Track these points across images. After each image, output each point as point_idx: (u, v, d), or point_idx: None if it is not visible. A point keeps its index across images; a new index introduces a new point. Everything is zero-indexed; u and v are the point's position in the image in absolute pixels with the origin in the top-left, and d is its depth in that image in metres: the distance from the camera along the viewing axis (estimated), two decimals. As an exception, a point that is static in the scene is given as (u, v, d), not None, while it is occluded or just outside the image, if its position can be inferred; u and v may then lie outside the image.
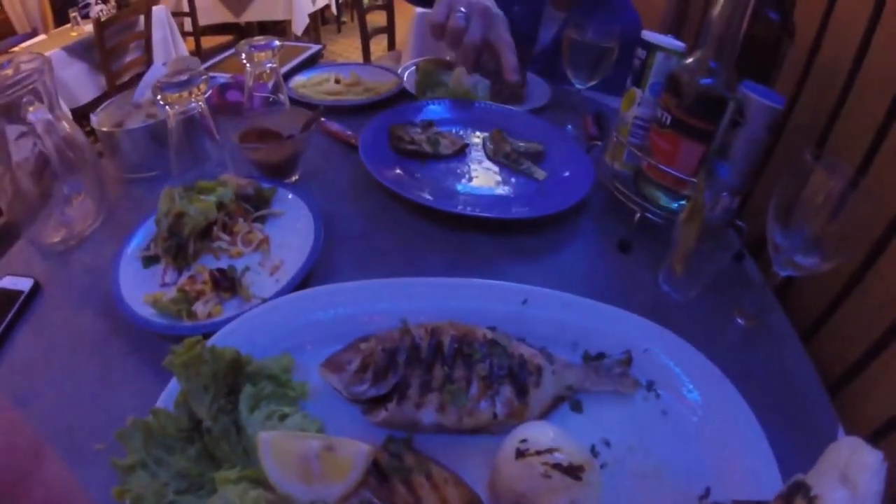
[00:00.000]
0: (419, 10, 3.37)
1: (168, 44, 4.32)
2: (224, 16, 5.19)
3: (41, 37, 4.22)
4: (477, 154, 1.22)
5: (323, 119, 1.31)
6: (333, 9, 6.43)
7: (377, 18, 4.16)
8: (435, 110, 1.32)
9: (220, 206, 0.94)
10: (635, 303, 0.81)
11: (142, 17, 3.87)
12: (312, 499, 0.56)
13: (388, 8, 4.01)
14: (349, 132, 1.27)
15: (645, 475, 0.64)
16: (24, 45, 4.01)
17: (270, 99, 1.25)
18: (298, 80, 1.51)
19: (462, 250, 0.99)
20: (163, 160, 1.11)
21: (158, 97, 0.97)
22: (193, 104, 1.01)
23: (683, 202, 0.99)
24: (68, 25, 4.06)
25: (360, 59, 3.90)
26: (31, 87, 0.91)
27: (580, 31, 1.29)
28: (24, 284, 0.90)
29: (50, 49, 3.55)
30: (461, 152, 1.20)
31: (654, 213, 1.01)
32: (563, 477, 0.55)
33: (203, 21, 4.99)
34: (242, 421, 0.62)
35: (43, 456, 0.41)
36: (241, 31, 5.65)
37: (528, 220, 1.02)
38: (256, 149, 1.06)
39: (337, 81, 1.53)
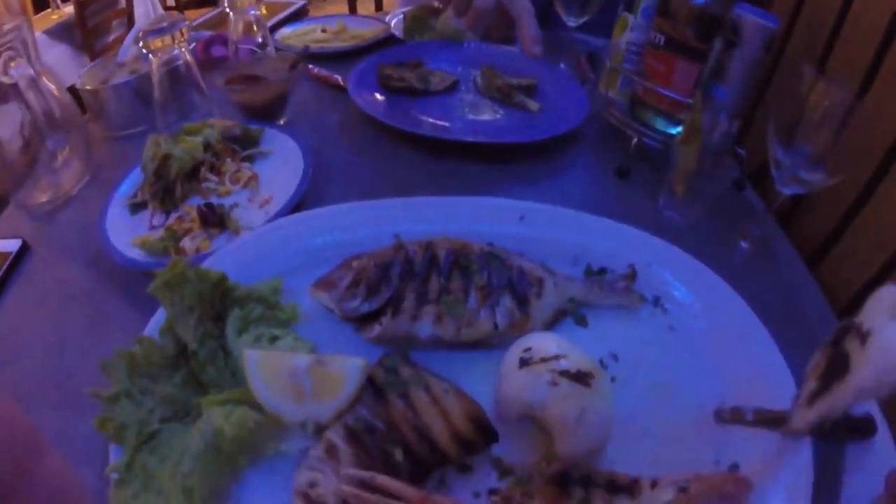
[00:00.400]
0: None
1: (150, 19, 4.25)
2: (208, -12, 5.10)
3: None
4: (469, 90, 1.18)
5: (309, 65, 1.27)
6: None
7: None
8: (424, 50, 1.28)
9: (207, 146, 0.91)
10: (632, 217, 0.79)
11: (123, -6, 3.80)
12: (303, 418, 0.54)
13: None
14: (336, 76, 1.23)
15: (656, 389, 0.61)
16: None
17: (256, 53, 1.22)
18: (284, 32, 1.47)
19: (455, 177, 0.96)
20: (149, 116, 1.08)
21: (141, 44, 0.94)
22: (177, 51, 0.98)
23: (680, 127, 0.95)
24: (49, 10, 3.99)
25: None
26: (9, 44, 0.88)
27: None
28: (12, 246, 0.88)
29: (36, 32, 3.49)
30: (452, 88, 1.17)
31: (651, 137, 0.99)
32: (571, 384, 0.52)
33: (186, -4, 4.91)
34: (230, 344, 0.59)
35: (43, 451, 0.40)
36: (218, 2, 5.57)
37: (524, 144, 0.99)
38: (242, 90, 1.03)
39: (323, 31, 1.49)
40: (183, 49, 0.99)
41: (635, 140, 0.99)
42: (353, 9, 3.63)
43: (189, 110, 1.06)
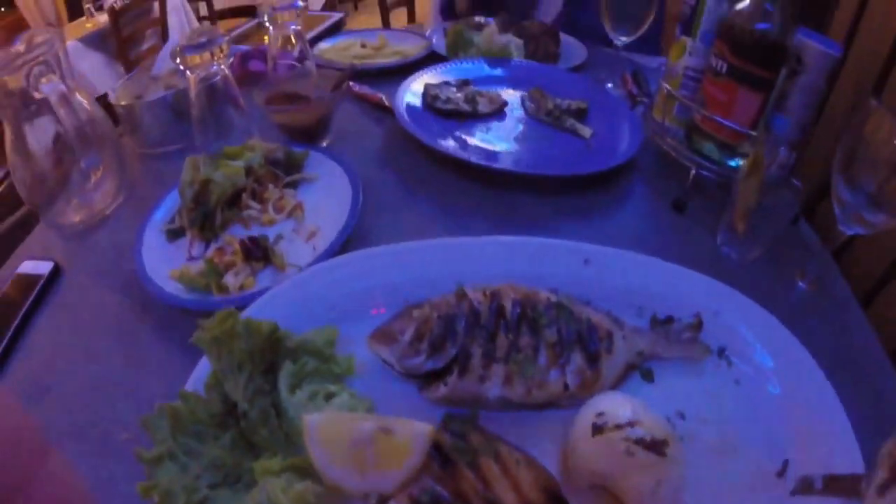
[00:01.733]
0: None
1: (184, 29, 4.24)
2: None
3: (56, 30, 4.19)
4: (517, 112, 1.13)
5: (351, 83, 1.23)
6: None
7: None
8: (469, 69, 1.23)
9: (249, 171, 0.86)
10: (693, 265, 0.74)
11: (156, 4, 3.81)
12: (367, 489, 0.49)
13: (406, -18, 3.90)
14: (380, 94, 1.19)
15: (720, 450, 0.57)
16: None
17: (295, 66, 1.17)
18: (323, 46, 1.43)
19: (508, 212, 0.91)
20: (185, 133, 1.04)
21: (178, 61, 0.90)
22: (215, 67, 0.94)
23: (740, 158, 0.92)
24: (83, 18, 4.02)
25: (379, 38, 3.80)
26: (42, 59, 0.84)
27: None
28: (44, 268, 0.85)
29: (67, 41, 3.50)
30: (500, 111, 1.11)
31: (709, 169, 0.93)
32: (647, 454, 0.49)
33: (218, 5, 4.91)
34: (283, 402, 0.54)
35: (48, 454, 0.40)
36: (257, 14, 5.59)
37: (579, 177, 0.93)
38: (284, 111, 0.98)
39: (363, 46, 1.45)
40: (222, 65, 0.95)
41: (693, 173, 0.94)
42: (385, 19, 3.58)
43: (227, 128, 1.02)
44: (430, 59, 1.38)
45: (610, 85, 1.32)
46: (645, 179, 1.00)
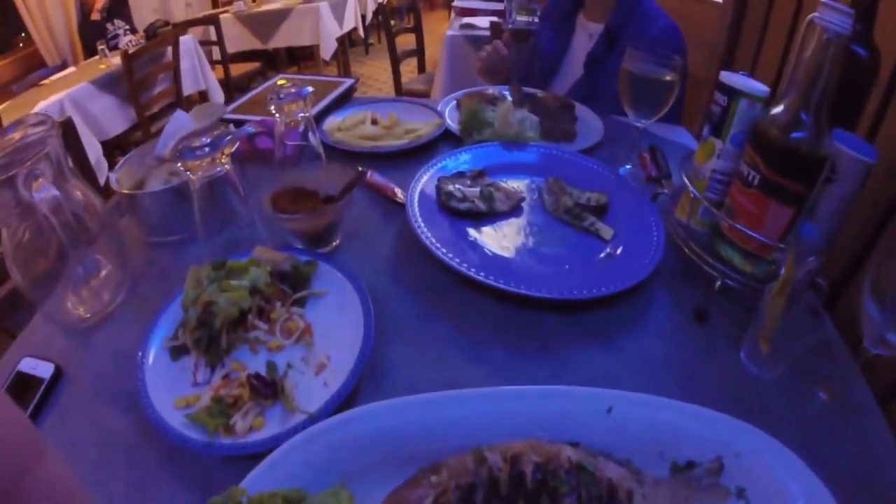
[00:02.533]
0: (449, 32, 3.29)
1: (196, 73, 4.27)
2: (252, 43, 5.14)
3: (70, 69, 4.20)
4: (535, 209, 1.08)
5: (362, 169, 1.18)
6: (361, 31, 6.33)
7: (406, 41, 4.06)
8: (484, 155, 1.18)
9: (254, 290, 0.81)
10: (713, 380, 0.76)
11: (169, 48, 3.81)
12: None
13: (417, 30, 3.91)
14: (392, 185, 1.14)
15: None
16: (53, 77, 3.99)
17: (304, 148, 1.13)
18: (333, 121, 1.39)
19: (526, 330, 0.86)
20: (189, 221, 0.99)
21: (179, 165, 0.86)
22: (219, 169, 0.90)
23: (764, 266, 0.88)
24: (97, 57, 4.03)
25: (391, 81, 3.79)
26: (34, 156, 0.79)
27: (638, 63, 1.15)
28: (45, 370, 0.80)
29: (79, 82, 3.50)
30: (517, 207, 1.06)
31: (733, 279, 0.88)
32: None
33: (231, 49, 4.94)
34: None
35: (42, 452, 0.40)
36: (269, 57, 5.61)
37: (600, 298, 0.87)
38: (293, 219, 0.93)
39: (374, 122, 1.41)
40: (226, 165, 0.90)
41: (718, 283, 0.89)
42: (397, 80, 3.57)
43: (232, 219, 0.97)
44: (444, 136, 1.34)
45: (629, 166, 1.27)
46: (665, 283, 0.94)
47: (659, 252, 0.94)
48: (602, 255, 0.97)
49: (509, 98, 1.47)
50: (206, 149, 0.87)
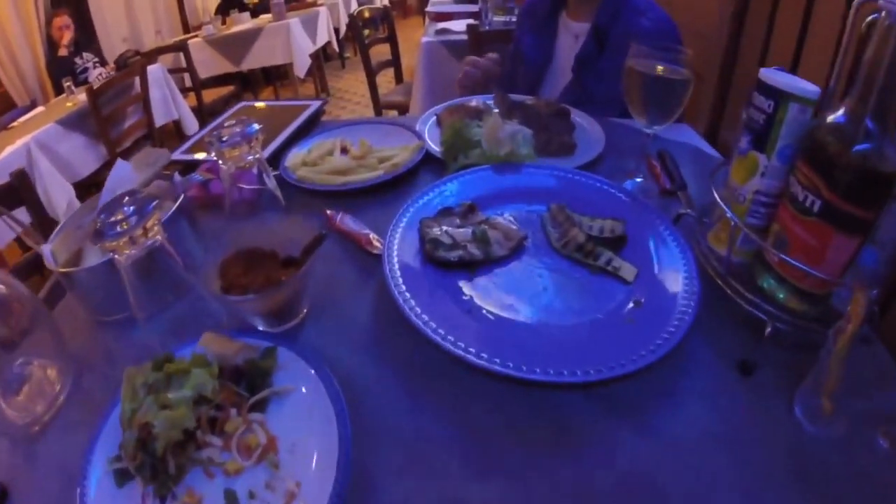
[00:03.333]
0: (424, 39, 3.10)
1: (168, 102, 4.06)
2: (224, 66, 4.92)
3: (39, 109, 3.98)
4: (539, 247, 0.87)
5: (329, 211, 0.98)
6: (335, 45, 6.12)
7: (381, 51, 3.85)
8: (473, 185, 0.98)
9: (201, 399, 0.62)
10: (765, 443, 0.63)
11: (137, 79, 3.60)
12: None
13: (391, 39, 3.71)
14: (367, 231, 0.93)
15: None
16: (22, 119, 3.77)
17: (260, 192, 0.94)
18: (297, 154, 1.19)
19: (540, 414, 0.66)
20: (143, 291, 0.81)
21: (98, 246, 0.67)
22: (149, 242, 0.71)
23: (818, 303, 0.71)
24: (63, 96, 3.82)
25: (367, 94, 3.58)
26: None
27: (646, 61, 0.96)
28: None
29: (46, 123, 3.28)
30: (519, 248, 0.86)
31: (785, 321, 0.70)
32: None
33: (203, 74, 4.73)
34: None
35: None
36: (243, 79, 5.40)
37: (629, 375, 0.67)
38: (245, 301, 0.73)
39: (344, 150, 1.21)
40: (158, 237, 0.71)
41: (769, 330, 0.70)
42: (374, 93, 3.38)
43: (178, 292, 0.80)
44: (425, 160, 1.15)
45: (639, 179, 1.08)
46: (700, 328, 0.74)
47: (694, 298, 0.75)
48: (628, 306, 0.76)
49: (496, 109, 1.28)
50: (132, 220, 0.68)
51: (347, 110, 5.47)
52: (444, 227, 0.85)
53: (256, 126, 0.86)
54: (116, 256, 0.69)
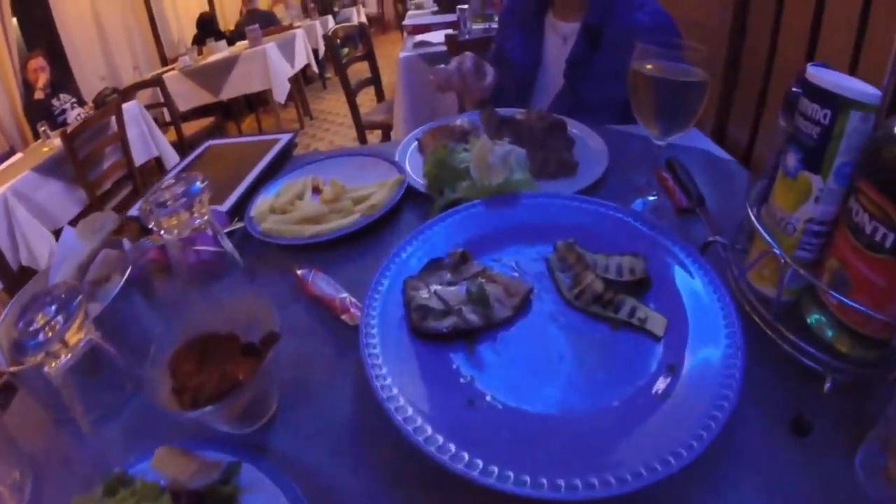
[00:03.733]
0: (402, 54, 2.96)
1: (146, 139, 3.91)
2: (203, 97, 4.78)
3: (17, 156, 3.83)
4: (547, 297, 0.72)
5: (300, 271, 0.84)
6: (314, 67, 5.97)
7: (361, 69, 3.71)
8: (463, 226, 0.83)
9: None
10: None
11: (113, 119, 3.45)
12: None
13: (370, 57, 3.56)
14: (342, 296, 0.78)
15: None
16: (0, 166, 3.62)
17: (221, 255, 0.79)
18: (265, 200, 1.04)
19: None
20: (92, 391, 0.69)
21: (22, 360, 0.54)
22: (84, 341, 0.57)
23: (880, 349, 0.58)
24: (39, 141, 3.67)
25: (349, 115, 3.43)
26: None
27: (655, 61, 0.82)
28: None
29: (22, 171, 3.13)
30: (525, 304, 0.71)
31: (844, 370, 0.57)
32: None
33: (183, 106, 4.60)
34: None
35: None
36: (224, 108, 5.26)
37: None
38: (200, 415, 0.58)
39: (316, 190, 1.07)
40: (91, 336, 0.57)
41: (828, 385, 0.56)
42: (355, 114, 3.23)
43: (123, 393, 0.70)
44: (407, 196, 1.00)
45: (652, 196, 0.94)
46: (746, 381, 0.58)
47: (739, 355, 0.59)
48: (661, 378, 0.60)
49: (483, 130, 1.13)
50: (57, 320, 0.55)
51: (331, 132, 5.33)
52: (433, 287, 0.70)
53: (200, 184, 0.71)
54: (46, 369, 0.55)
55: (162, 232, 0.70)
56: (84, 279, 0.86)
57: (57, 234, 3.14)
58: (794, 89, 0.65)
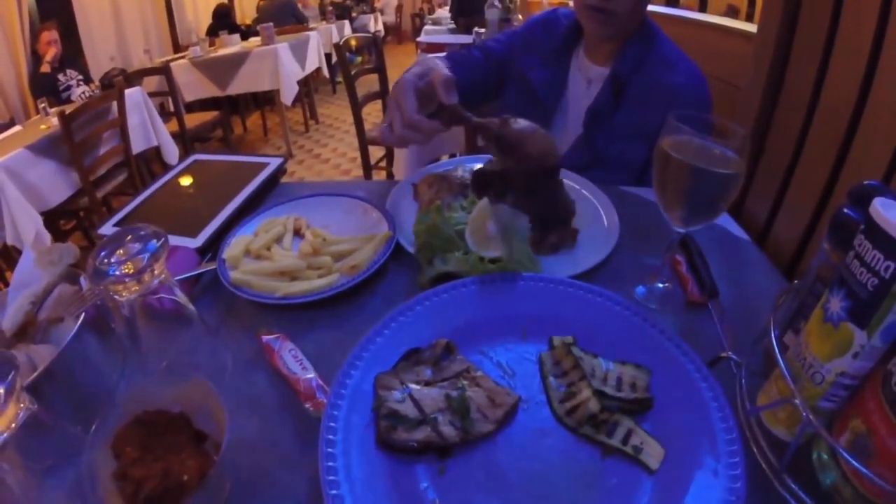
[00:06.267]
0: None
1: (147, 128, 3.79)
2: (209, 90, 4.66)
3: (15, 128, 3.70)
4: (536, 411, 0.63)
5: (267, 341, 0.74)
6: (325, 71, 5.84)
7: (371, 80, 3.61)
8: (451, 312, 0.73)
9: None
10: None
11: (115, 103, 3.34)
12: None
13: (380, 70, 3.47)
14: (308, 377, 0.67)
15: None
16: (-1, 136, 3.50)
17: (177, 306, 0.69)
18: (241, 239, 0.93)
19: None
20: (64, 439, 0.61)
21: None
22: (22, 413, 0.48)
23: None
24: (38, 117, 3.56)
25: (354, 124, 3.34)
26: None
27: (689, 144, 0.72)
28: None
29: (18, 147, 3.01)
30: (511, 417, 0.62)
31: None
32: None
33: (188, 97, 4.49)
34: None
35: None
36: (230, 102, 5.15)
37: None
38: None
39: (298, 233, 0.97)
40: (30, 407, 0.48)
41: None
42: (359, 126, 3.14)
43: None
44: (396, 253, 0.91)
45: (661, 283, 0.85)
46: None
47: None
48: None
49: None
50: None
51: (336, 138, 5.23)
52: (410, 387, 0.61)
53: (157, 242, 0.61)
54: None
55: (116, 298, 0.60)
56: (37, 315, 0.77)
57: (45, 215, 3.06)
58: (846, 210, 0.56)
